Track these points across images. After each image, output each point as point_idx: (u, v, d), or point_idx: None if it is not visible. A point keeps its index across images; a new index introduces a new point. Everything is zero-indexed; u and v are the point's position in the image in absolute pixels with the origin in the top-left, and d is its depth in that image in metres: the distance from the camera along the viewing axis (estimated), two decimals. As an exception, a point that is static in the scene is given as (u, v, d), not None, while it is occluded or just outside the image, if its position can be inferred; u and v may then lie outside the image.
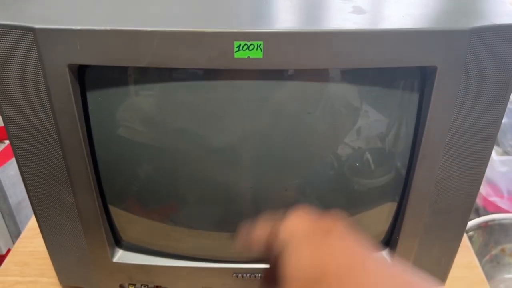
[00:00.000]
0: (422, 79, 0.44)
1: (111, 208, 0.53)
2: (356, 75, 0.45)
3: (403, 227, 0.53)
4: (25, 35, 0.41)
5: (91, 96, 0.45)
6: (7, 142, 0.79)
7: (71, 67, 0.42)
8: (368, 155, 0.51)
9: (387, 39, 0.40)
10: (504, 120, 1.25)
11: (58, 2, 0.45)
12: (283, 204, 0.55)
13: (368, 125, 0.47)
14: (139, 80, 0.45)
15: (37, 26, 0.40)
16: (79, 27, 0.40)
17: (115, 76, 0.45)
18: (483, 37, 0.41)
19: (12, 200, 0.84)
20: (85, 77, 0.44)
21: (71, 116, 0.45)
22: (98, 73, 0.44)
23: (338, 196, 0.55)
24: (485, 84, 0.44)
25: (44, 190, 0.51)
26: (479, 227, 0.91)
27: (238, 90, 0.45)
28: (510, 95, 0.45)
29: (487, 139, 0.47)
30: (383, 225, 0.56)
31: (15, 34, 0.41)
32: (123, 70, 0.44)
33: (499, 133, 0.48)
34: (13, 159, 0.82)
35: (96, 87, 0.45)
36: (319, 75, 0.44)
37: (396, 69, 0.44)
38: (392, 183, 0.52)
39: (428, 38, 0.40)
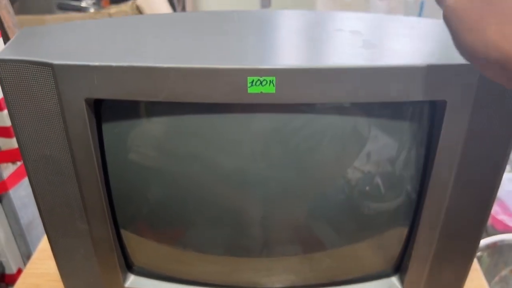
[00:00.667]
0: (432, 112, 0.45)
1: (124, 234, 0.54)
2: (366, 107, 0.46)
3: (413, 254, 0.54)
4: (44, 70, 0.42)
5: (106, 127, 0.46)
6: (18, 163, 0.81)
7: (88, 100, 0.43)
8: (378, 179, 0.51)
9: (398, 75, 0.41)
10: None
11: (75, 37, 0.46)
12: (294, 229, 0.56)
13: (377, 150, 0.48)
14: (153, 112, 0.46)
15: (55, 62, 0.42)
16: (96, 63, 0.41)
17: (130, 108, 0.46)
18: (492, 72, 0.42)
19: (24, 221, 0.85)
20: (101, 110, 0.46)
21: (86, 147, 0.46)
22: (114, 105, 0.45)
23: (349, 220, 0.55)
24: (494, 116, 0.44)
25: (59, 217, 0.51)
26: (487, 247, 0.91)
27: (251, 122, 0.46)
28: (519, 126, 0.46)
29: (497, 168, 0.48)
30: (394, 250, 0.57)
31: (34, 69, 0.43)
32: (138, 102, 0.45)
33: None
34: (24, 180, 0.83)
35: (111, 119, 0.46)
36: (331, 107, 0.45)
37: (407, 102, 0.45)
38: (402, 207, 0.53)
39: (437, 73, 0.41)
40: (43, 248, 0.75)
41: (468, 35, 0.33)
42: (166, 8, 1.81)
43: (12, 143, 0.76)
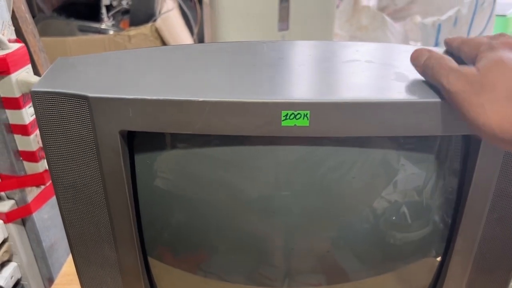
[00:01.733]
0: (467, 145, 0.45)
1: (151, 262, 0.54)
2: (401, 140, 0.45)
3: (444, 285, 0.53)
4: (79, 102, 0.43)
5: (138, 158, 0.47)
6: (42, 187, 0.81)
7: (122, 133, 0.44)
8: (409, 211, 0.51)
9: (433, 109, 0.41)
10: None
11: (108, 68, 0.47)
12: (318, 260, 0.55)
13: (408, 182, 0.47)
14: (186, 143, 0.46)
15: (91, 94, 0.42)
16: (131, 96, 0.42)
17: (162, 139, 0.46)
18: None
19: (46, 244, 0.86)
20: (134, 140, 0.46)
21: (119, 177, 0.46)
22: (147, 137, 0.45)
23: (379, 251, 0.55)
24: (529, 150, 0.44)
25: (88, 245, 0.51)
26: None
27: (284, 154, 0.46)
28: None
29: (531, 202, 0.47)
30: (424, 281, 0.56)
31: (69, 101, 0.43)
32: (172, 134, 0.45)
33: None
34: (47, 203, 0.83)
35: (144, 150, 0.47)
36: (366, 141, 0.45)
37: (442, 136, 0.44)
38: (434, 240, 0.52)
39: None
40: (65, 273, 0.75)
41: (473, 116, 0.36)
42: (183, 30, 1.83)
43: (37, 167, 0.77)
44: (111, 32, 1.64)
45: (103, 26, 1.68)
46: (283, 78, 0.45)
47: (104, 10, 1.81)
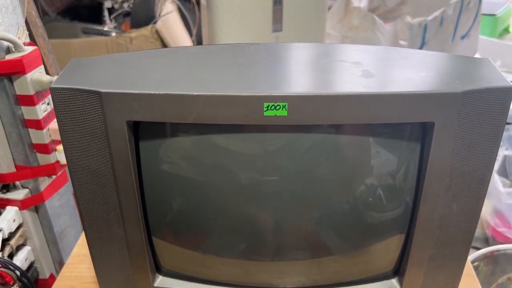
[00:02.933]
0: (423, 131, 0.52)
1: (154, 239, 0.61)
2: (367, 127, 0.53)
3: (410, 258, 0.60)
4: (92, 97, 0.50)
5: (143, 144, 0.54)
6: (54, 176, 0.88)
7: (128, 122, 0.51)
8: (379, 191, 0.58)
9: (393, 100, 0.48)
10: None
11: (117, 68, 0.54)
12: (303, 237, 0.63)
13: (378, 165, 0.55)
14: (183, 131, 0.53)
15: (102, 90, 0.49)
16: (137, 91, 0.49)
17: (163, 128, 0.53)
18: (473, 98, 0.49)
19: (56, 229, 0.93)
20: (139, 129, 0.53)
21: (126, 161, 0.53)
22: (150, 125, 0.53)
23: (354, 229, 0.62)
24: (477, 136, 0.51)
25: (98, 223, 0.59)
26: (485, 257, 0.96)
27: (266, 139, 0.53)
28: (499, 144, 0.52)
29: (482, 181, 0.54)
30: (393, 255, 0.63)
31: (84, 96, 0.50)
32: (171, 124, 0.53)
33: (507, 165, 0.55)
34: (58, 191, 0.91)
35: (148, 137, 0.54)
36: (336, 128, 0.52)
37: (401, 123, 0.52)
38: (399, 216, 0.59)
39: (426, 99, 0.48)
40: (76, 254, 0.82)
41: None
42: (182, 32, 1.90)
43: (49, 159, 0.84)
44: (113, 34, 1.71)
45: (105, 28, 1.75)
46: (265, 75, 0.52)
47: (106, 13, 1.89)
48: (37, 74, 0.78)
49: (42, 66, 0.80)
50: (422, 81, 0.50)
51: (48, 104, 0.82)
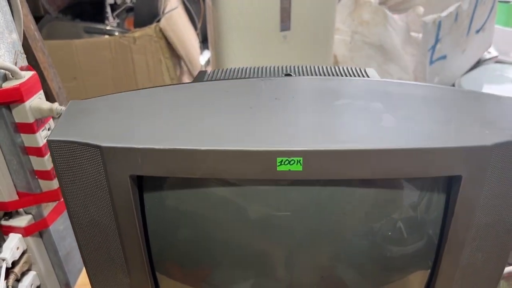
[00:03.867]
0: (449, 184, 0.48)
1: (161, 285, 0.59)
2: (389, 182, 0.49)
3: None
4: (92, 150, 0.47)
5: (148, 197, 0.51)
6: (57, 201, 0.86)
7: (132, 176, 0.48)
8: (402, 249, 0.54)
9: (418, 155, 0.45)
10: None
11: (119, 116, 0.51)
12: (319, 275, 0.60)
13: (401, 221, 0.51)
14: (190, 185, 0.50)
15: (103, 144, 0.46)
16: (140, 146, 0.46)
17: (169, 181, 0.50)
18: (504, 150, 0.45)
19: (62, 253, 0.91)
20: (143, 181, 0.50)
21: (130, 214, 0.50)
22: (155, 179, 0.49)
23: (373, 265, 0.59)
24: (507, 186, 0.47)
25: (103, 271, 0.56)
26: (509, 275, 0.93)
27: (280, 195, 0.50)
28: (530, 194, 0.49)
29: (510, 231, 0.51)
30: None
31: (83, 149, 0.47)
32: (177, 177, 0.49)
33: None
34: (62, 215, 0.88)
35: (153, 190, 0.51)
36: (355, 182, 0.49)
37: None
38: (422, 268, 0.56)
39: (454, 154, 0.44)
40: (81, 283, 0.80)
41: None
42: (187, 28, 1.86)
43: (51, 185, 0.81)
44: (116, 34, 1.67)
45: (108, 27, 1.71)
46: (278, 123, 0.49)
47: (109, 9, 1.84)
48: (36, 101, 0.75)
49: (41, 92, 0.77)
50: (448, 132, 0.47)
51: (48, 129, 0.79)
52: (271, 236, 0.53)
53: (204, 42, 2.07)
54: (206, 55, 2.09)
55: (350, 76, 0.68)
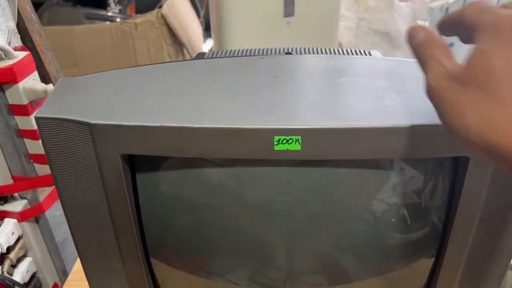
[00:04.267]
0: (455, 165, 0.46)
1: (156, 271, 0.57)
2: (392, 163, 0.47)
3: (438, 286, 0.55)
4: (82, 128, 0.45)
5: (140, 177, 0.49)
6: (53, 186, 0.84)
7: (123, 156, 0.46)
8: (407, 225, 0.52)
9: (424, 134, 0.42)
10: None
11: (110, 93, 0.49)
12: (320, 262, 0.58)
13: (404, 204, 0.49)
14: (184, 164, 0.48)
15: (92, 121, 0.44)
16: (131, 123, 0.44)
17: (162, 160, 0.48)
18: None
19: (58, 239, 0.89)
20: (135, 161, 0.48)
21: (121, 196, 0.48)
22: (147, 159, 0.47)
23: (376, 252, 0.57)
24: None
25: (96, 257, 0.54)
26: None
27: (277, 174, 0.48)
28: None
29: (519, 215, 0.49)
30: (419, 282, 0.58)
31: (72, 127, 0.45)
32: (171, 157, 0.47)
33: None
34: (58, 200, 0.87)
35: (144, 170, 0.49)
36: (356, 162, 0.46)
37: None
38: (428, 245, 0.54)
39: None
40: (78, 269, 0.79)
41: (450, 117, 0.32)
42: (190, 14, 1.83)
43: (47, 169, 0.79)
44: (118, 20, 1.65)
45: (109, 13, 1.69)
46: (275, 100, 0.46)
47: (110, -5, 1.82)
48: (30, 82, 0.73)
49: (36, 73, 0.75)
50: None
51: (43, 112, 0.77)
52: (269, 220, 0.51)
53: (207, 30, 2.05)
54: (210, 43, 2.07)
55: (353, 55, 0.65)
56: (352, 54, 0.63)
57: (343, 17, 1.76)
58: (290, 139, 0.43)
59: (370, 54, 0.67)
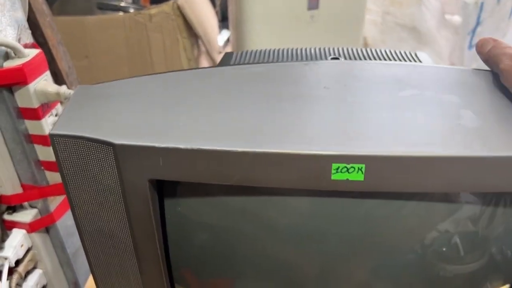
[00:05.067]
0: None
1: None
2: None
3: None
4: (104, 149, 0.38)
5: (169, 205, 0.43)
6: (65, 195, 0.78)
7: (151, 181, 0.39)
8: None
9: (507, 165, 0.36)
10: None
11: (135, 105, 0.42)
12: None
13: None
14: (222, 191, 0.42)
15: (117, 141, 0.38)
16: (162, 145, 0.37)
17: (196, 187, 0.42)
18: None
19: (70, 250, 0.84)
20: (164, 186, 0.42)
21: (147, 225, 0.42)
22: (179, 185, 0.41)
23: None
24: None
25: (113, 285, 0.48)
26: None
27: (333, 209, 0.41)
28: None
29: None
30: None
31: (93, 146, 0.39)
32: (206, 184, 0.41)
33: None
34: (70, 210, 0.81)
35: (176, 197, 0.42)
36: (428, 196, 0.40)
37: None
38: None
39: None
40: (90, 285, 0.73)
41: None
42: (206, 5, 1.76)
43: (58, 177, 0.73)
44: (131, 10, 1.58)
45: (122, 3, 1.62)
46: (330, 118, 0.40)
47: (123, -16, 1.75)
48: (42, 84, 0.66)
49: (48, 72, 0.68)
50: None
51: (56, 115, 0.71)
52: (317, 260, 0.45)
53: (223, 21, 1.98)
54: (225, 34, 1.99)
55: (401, 60, 0.59)
56: (400, 58, 0.57)
57: (367, 11, 1.68)
58: (352, 167, 0.36)
59: (417, 57, 0.60)
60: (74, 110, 0.42)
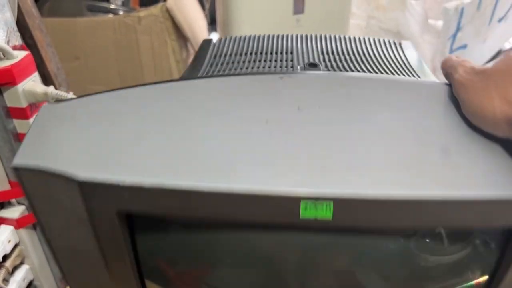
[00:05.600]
0: (505, 236, 0.37)
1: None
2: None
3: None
4: (68, 182, 0.35)
5: (140, 238, 0.39)
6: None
7: (120, 213, 0.36)
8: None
9: (473, 206, 0.33)
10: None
11: (102, 130, 0.38)
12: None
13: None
14: (194, 225, 0.39)
15: (81, 177, 0.34)
16: (126, 182, 0.34)
17: (166, 220, 0.39)
18: None
19: (56, 247, 0.81)
20: (134, 218, 0.38)
21: (118, 251, 0.39)
22: (148, 217, 0.38)
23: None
24: None
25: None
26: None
27: (302, 243, 0.39)
28: None
29: None
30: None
31: (58, 180, 0.35)
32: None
33: None
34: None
35: (146, 229, 0.39)
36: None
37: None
38: None
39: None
40: None
41: (477, 100, 0.35)
42: (195, 8, 1.70)
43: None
44: (121, 13, 1.52)
45: (112, 5, 1.55)
46: (301, 148, 0.36)
47: (114, -14, 1.68)
48: (30, 84, 0.63)
49: (36, 73, 0.65)
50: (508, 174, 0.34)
51: (41, 120, 0.67)
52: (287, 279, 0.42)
53: (212, 24, 1.92)
54: (214, 37, 1.94)
55: (386, 53, 0.58)
56: (383, 49, 0.58)
57: (352, 15, 1.64)
58: (320, 205, 0.33)
59: (401, 46, 0.62)
60: (37, 135, 0.38)
